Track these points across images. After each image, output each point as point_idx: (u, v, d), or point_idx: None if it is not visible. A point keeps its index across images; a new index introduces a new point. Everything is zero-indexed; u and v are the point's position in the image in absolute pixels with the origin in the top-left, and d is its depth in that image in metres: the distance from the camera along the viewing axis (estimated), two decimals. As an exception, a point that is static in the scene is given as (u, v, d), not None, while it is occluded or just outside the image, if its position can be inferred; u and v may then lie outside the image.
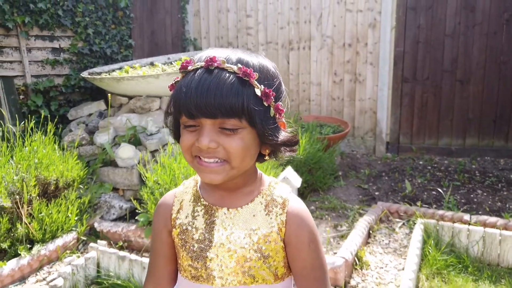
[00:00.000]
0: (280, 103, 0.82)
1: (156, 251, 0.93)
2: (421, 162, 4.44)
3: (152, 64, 4.37)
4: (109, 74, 3.90)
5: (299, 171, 3.26)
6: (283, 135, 0.82)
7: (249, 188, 0.87)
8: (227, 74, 0.76)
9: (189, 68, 0.78)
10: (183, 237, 0.87)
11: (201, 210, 0.87)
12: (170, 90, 0.83)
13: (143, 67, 4.13)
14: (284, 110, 0.83)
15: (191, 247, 0.85)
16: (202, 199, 0.88)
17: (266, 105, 0.78)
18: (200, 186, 0.91)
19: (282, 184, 0.91)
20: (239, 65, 0.77)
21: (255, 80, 0.77)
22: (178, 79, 0.81)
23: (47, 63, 3.94)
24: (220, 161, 0.78)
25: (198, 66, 0.77)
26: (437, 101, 4.63)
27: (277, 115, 0.81)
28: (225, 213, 0.85)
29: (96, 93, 4.20)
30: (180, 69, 0.81)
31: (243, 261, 0.82)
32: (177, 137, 0.87)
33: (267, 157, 0.85)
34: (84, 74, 3.76)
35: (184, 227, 0.87)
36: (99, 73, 3.93)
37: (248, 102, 0.76)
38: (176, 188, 0.95)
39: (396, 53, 4.68)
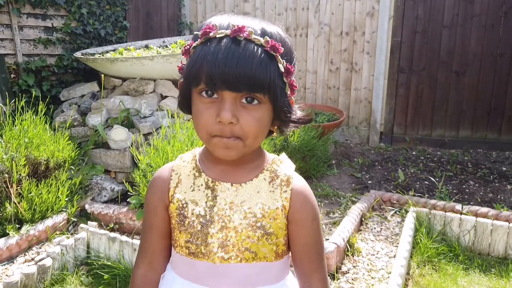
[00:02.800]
0: (294, 79, 0.79)
1: (150, 227, 0.89)
2: (414, 153, 4.45)
3: (147, 47, 4.30)
4: (102, 56, 3.83)
5: (292, 157, 3.25)
6: (299, 113, 0.80)
7: (252, 164, 0.84)
8: (255, 47, 0.71)
9: (212, 34, 0.72)
10: (181, 212, 0.83)
11: (201, 185, 0.83)
12: (184, 56, 0.77)
13: (138, 50, 4.07)
14: (297, 86, 0.80)
15: (191, 223, 0.82)
16: (203, 173, 0.84)
17: (286, 81, 0.76)
18: (199, 160, 0.87)
19: (286, 161, 0.88)
20: (267, 38, 0.72)
21: (280, 55, 0.73)
22: (194, 45, 0.75)
23: (39, 42, 3.86)
24: (234, 138, 0.75)
25: (223, 35, 0.72)
26: (432, 92, 4.63)
27: (290, 91, 0.78)
28: (228, 188, 0.82)
29: (89, 74, 4.13)
30: (201, 34, 0.74)
31: (245, 238, 0.80)
32: (186, 109, 0.82)
33: (275, 134, 0.84)
34: (77, 54, 3.69)
35: (183, 202, 0.83)
36: (93, 54, 3.86)
37: (274, 77, 0.72)
38: (172, 161, 0.91)
39: (393, 43, 4.65)
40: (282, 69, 0.74)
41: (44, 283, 2.05)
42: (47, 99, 3.37)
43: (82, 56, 3.61)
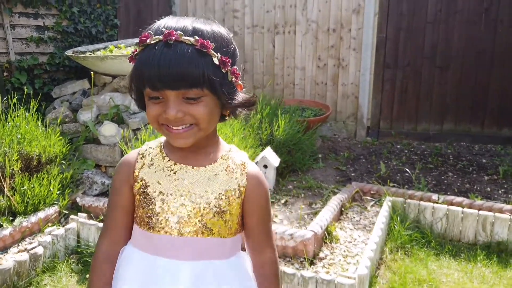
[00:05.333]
0: (236, 66, 0.88)
1: (115, 205, 0.99)
2: (398, 146, 4.57)
3: (137, 44, 4.39)
4: (93, 53, 3.93)
5: (278, 151, 3.37)
6: (241, 97, 0.90)
7: (210, 149, 0.95)
8: (186, 47, 0.80)
9: (148, 41, 0.82)
10: (145, 190, 0.93)
11: (165, 167, 0.94)
12: (130, 62, 0.88)
13: (128, 47, 4.16)
14: (240, 73, 0.89)
15: (152, 200, 0.92)
16: (166, 157, 0.95)
17: (224, 71, 0.85)
18: (164, 146, 0.98)
19: (240, 151, 1.00)
20: (196, 37, 0.81)
21: (212, 49, 0.83)
22: (137, 52, 0.85)
23: (32, 40, 3.95)
24: (189, 126, 0.85)
25: (157, 40, 0.81)
26: (417, 87, 4.75)
27: (234, 78, 0.88)
28: (189, 170, 0.93)
29: (81, 72, 4.22)
30: (139, 43, 0.85)
31: (203, 215, 0.91)
32: (141, 106, 0.93)
33: (227, 117, 0.94)
34: (68, 52, 3.78)
35: (146, 182, 0.94)
36: (84, 52, 3.95)
37: (207, 71, 0.81)
38: (139, 147, 1.02)
39: (378, 39, 4.76)
40: (217, 62, 0.83)
41: (36, 271, 2.16)
42: (39, 97, 3.46)
43: (73, 54, 3.71)
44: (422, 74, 4.70)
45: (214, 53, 0.83)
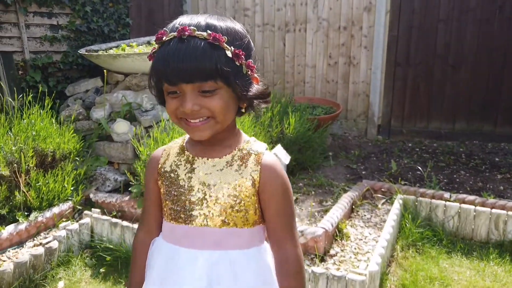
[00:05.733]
0: (251, 60, 0.91)
1: (147, 200, 1.05)
2: (410, 145, 4.55)
3: (149, 43, 4.43)
4: (106, 52, 3.97)
5: (289, 149, 3.37)
6: (256, 88, 0.91)
7: (228, 142, 0.98)
8: (198, 41, 0.83)
9: (164, 39, 0.85)
10: (166, 183, 0.98)
11: (183, 160, 0.98)
12: (149, 60, 0.91)
13: (140, 46, 4.20)
14: (256, 66, 0.92)
15: (173, 192, 0.96)
16: (186, 151, 0.99)
17: (238, 64, 0.87)
18: (187, 142, 1.02)
19: (260, 142, 1.01)
20: (209, 31, 0.84)
21: (225, 43, 0.85)
22: (155, 50, 0.89)
23: (46, 39, 4.01)
24: (206, 118, 0.88)
25: (172, 37, 0.84)
26: (429, 86, 4.71)
27: (249, 71, 0.90)
28: (204, 163, 0.96)
29: (94, 70, 4.28)
30: (155, 40, 0.89)
31: (218, 205, 0.93)
32: (162, 102, 0.96)
33: (243, 110, 0.95)
34: (82, 51, 3.84)
35: (168, 175, 0.98)
36: (96, 51, 4.00)
37: (220, 64, 0.83)
38: (164, 146, 1.07)
39: (390, 37, 4.74)
40: (230, 55, 0.85)
41: (51, 264, 2.21)
42: (53, 94, 3.52)
43: (86, 53, 3.76)
44: (434, 73, 4.67)
45: (227, 46, 0.85)
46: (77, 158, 3.07)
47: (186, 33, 0.83)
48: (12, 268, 2.00)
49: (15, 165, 2.67)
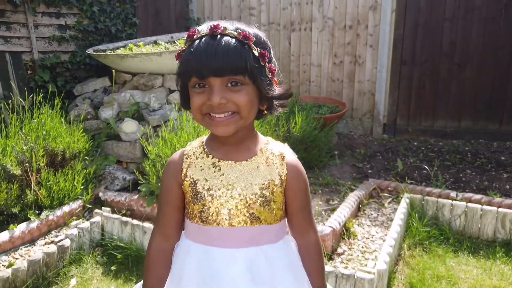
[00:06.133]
0: (272, 64, 0.97)
1: (166, 202, 1.05)
2: (415, 143, 4.56)
3: (155, 42, 4.46)
4: (113, 52, 4.01)
5: (295, 148, 3.37)
6: (278, 89, 0.97)
7: (249, 143, 1.02)
8: (229, 38, 0.89)
9: (195, 36, 0.91)
10: (194, 187, 1.00)
11: (210, 164, 1.01)
12: (177, 59, 0.95)
13: (147, 46, 4.23)
14: (276, 69, 0.98)
15: (202, 196, 0.99)
16: (210, 155, 1.02)
17: (263, 64, 0.92)
18: (206, 144, 1.04)
19: (278, 142, 1.07)
20: (239, 30, 0.90)
21: (252, 43, 0.91)
22: (184, 49, 0.94)
23: (54, 39, 4.05)
24: (231, 114, 0.91)
25: (203, 34, 0.90)
26: (434, 84, 4.72)
27: (270, 74, 0.95)
28: (232, 165, 1.00)
29: (101, 70, 4.32)
30: (186, 38, 0.93)
31: (249, 205, 0.97)
32: (184, 104, 1.00)
33: (265, 112, 0.99)
34: (89, 51, 3.87)
35: (195, 179, 1.00)
36: (104, 51, 4.04)
37: (249, 60, 0.89)
38: (183, 148, 1.09)
39: (395, 36, 4.74)
40: (257, 54, 0.91)
41: (63, 262, 2.25)
42: (62, 94, 3.56)
43: (94, 53, 3.79)
44: (440, 71, 4.67)
45: (254, 46, 0.91)
46: (86, 157, 3.11)
47: (218, 30, 0.89)
48: (26, 266, 2.04)
49: (26, 164, 2.71)
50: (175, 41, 4.48)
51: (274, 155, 1.01)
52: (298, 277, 1.03)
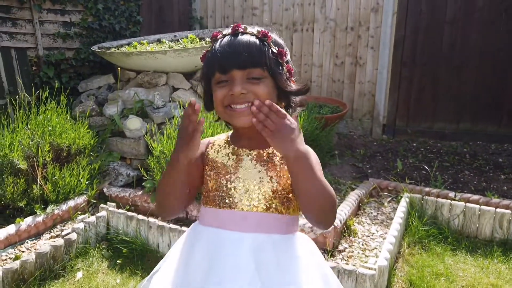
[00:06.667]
0: (290, 65, 1.05)
1: None
2: (415, 144, 4.61)
3: (159, 41, 4.50)
4: (117, 49, 4.05)
5: (296, 147, 3.44)
6: (295, 85, 1.04)
7: None
8: (250, 36, 0.99)
9: (219, 36, 1.01)
10: (213, 171, 1.07)
11: (229, 152, 1.09)
12: (202, 60, 1.04)
13: (151, 44, 4.27)
14: (294, 70, 1.06)
15: (220, 180, 1.06)
16: (231, 145, 1.10)
17: (281, 62, 1.01)
18: (230, 137, 1.12)
19: None
20: (258, 30, 1.00)
21: (271, 41, 1.00)
22: (209, 50, 1.03)
23: (59, 36, 4.09)
24: (251, 105, 0.95)
25: (226, 34, 1.01)
26: (434, 86, 4.77)
27: (289, 74, 1.04)
28: (248, 155, 1.07)
29: (105, 67, 4.36)
30: (211, 38, 1.03)
31: (262, 192, 1.03)
32: (207, 104, 1.08)
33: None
34: (94, 48, 3.91)
35: (216, 164, 1.08)
36: (108, 48, 4.08)
37: (268, 55, 0.98)
38: (209, 137, 1.18)
39: (396, 38, 4.80)
40: (275, 51, 1.00)
41: (70, 255, 2.29)
42: (67, 91, 3.60)
43: (99, 50, 3.83)
44: (440, 73, 4.73)
45: (272, 44, 1.00)
46: (91, 153, 3.15)
47: (240, 29, 1.00)
48: (34, 258, 2.08)
49: (32, 159, 2.75)
50: (179, 40, 4.52)
51: None
52: (308, 271, 1.02)
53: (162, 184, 1.06)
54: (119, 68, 3.63)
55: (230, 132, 1.15)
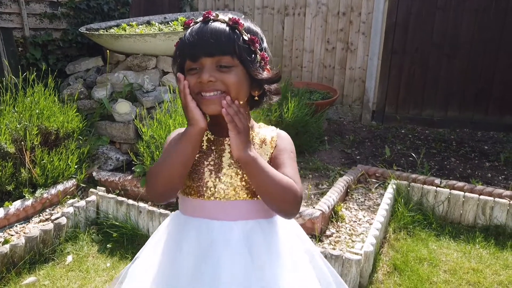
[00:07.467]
0: (265, 53, 1.03)
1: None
2: (403, 131, 4.67)
3: (148, 23, 4.43)
4: (106, 31, 3.98)
5: (287, 133, 3.46)
6: (267, 73, 1.04)
7: None
8: (220, 23, 0.98)
9: (191, 24, 1.01)
10: (195, 162, 1.06)
11: (209, 142, 1.08)
12: (175, 47, 1.03)
13: (140, 26, 4.21)
14: (269, 58, 1.04)
15: (202, 171, 1.05)
16: (210, 134, 1.08)
17: (253, 49, 1.00)
18: (208, 126, 1.09)
19: (270, 127, 1.15)
20: (229, 17, 0.99)
21: (243, 29, 0.99)
22: (182, 37, 1.01)
23: (45, 16, 4.00)
24: (220, 93, 0.97)
25: (198, 21, 1.00)
26: (424, 74, 4.80)
27: (263, 62, 1.03)
28: (228, 143, 1.06)
29: (93, 49, 4.29)
30: (183, 26, 1.02)
31: (246, 180, 1.04)
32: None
33: (257, 98, 1.05)
34: (82, 29, 3.83)
35: (197, 156, 1.06)
36: (96, 29, 4.00)
37: (238, 43, 0.97)
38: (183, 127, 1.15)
39: (388, 24, 4.79)
40: (246, 38, 0.99)
41: (59, 239, 2.30)
42: (54, 73, 3.54)
43: (88, 32, 3.76)
44: (430, 61, 4.75)
45: (244, 32, 0.99)
46: (80, 137, 3.13)
47: (211, 17, 0.99)
48: (23, 242, 2.09)
49: (20, 142, 2.72)
50: (169, 22, 4.46)
51: (266, 139, 1.09)
52: (293, 251, 1.09)
53: (169, 164, 1.00)
54: (108, 50, 3.58)
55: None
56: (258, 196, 1.04)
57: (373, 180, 3.17)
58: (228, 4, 5.45)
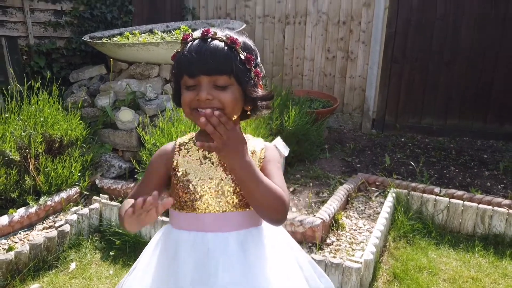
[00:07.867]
0: (259, 69, 1.07)
1: (148, 180, 1.13)
2: (403, 139, 4.70)
3: (151, 31, 4.49)
4: (109, 39, 4.03)
5: (287, 141, 3.49)
6: (261, 91, 1.07)
7: None
8: (219, 42, 1.00)
9: (189, 39, 1.03)
10: (185, 177, 1.08)
11: (200, 156, 1.11)
12: (172, 60, 1.06)
13: (143, 34, 4.26)
14: (262, 74, 1.08)
15: (195, 185, 1.07)
16: (199, 148, 1.10)
17: (248, 67, 1.03)
18: (196, 139, 1.13)
19: (256, 138, 1.18)
20: (227, 35, 1.01)
21: (240, 48, 1.02)
22: (179, 50, 1.04)
23: (50, 25, 4.05)
24: (215, 110, 0.99)
25: (196, 38, 1.02)
26: (423, 82, 4.85)
27: (256, 78, 1.06)
28: (216, 156, 1.09)
29: (96, 57, 4.33)
30: (181, 40, 1.05)
31: (238, 193, 1.07)
32: (176, 100, 1.10)
33: (249, 112, 1.10)
34: (86, 38, 3.89)
35: (187, 171, 1.09)
36: (100, 38, 4.05)
37: (235, 62, 0.99)
38: (174, 141, 1.18)
39: (388, 33, 4.85)
40: (243, 57, 1.01)
41: (63, 247, 2.32)
42: (58, 81, 3.58)
43: (91, 40, 3.81)
44: (429, 69, 4.80)
45: (241, 51, 1.02)
46: (83, 145, 3.16)
47: (209, 35, 1.01)
48: (28, 249, 2.11)
49: (25, 150, 2.75)
50: (171, 31, 4.51)
51: (256, 150, 1.13)
52: (285, 256, 1.14)
53: (127, 222, 0.97)
54: (111, 59, 3.62)
55: (194, 133, 1.17)
56: (250, 207, 1.08)
57: (373, 188, 3.20)
58: (230, 13, 5.52)
